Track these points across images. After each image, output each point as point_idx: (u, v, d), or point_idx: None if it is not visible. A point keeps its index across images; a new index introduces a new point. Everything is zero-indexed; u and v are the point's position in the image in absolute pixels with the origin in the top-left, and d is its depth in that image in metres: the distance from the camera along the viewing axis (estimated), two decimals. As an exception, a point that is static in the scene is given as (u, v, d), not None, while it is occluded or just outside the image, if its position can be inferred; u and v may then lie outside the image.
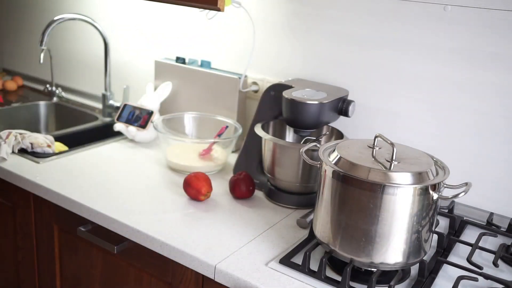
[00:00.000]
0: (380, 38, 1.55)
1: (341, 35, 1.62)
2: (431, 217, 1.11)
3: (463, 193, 1.06)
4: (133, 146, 1.85)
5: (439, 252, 1.28)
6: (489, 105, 1.43)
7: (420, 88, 1.52)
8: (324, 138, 1.59)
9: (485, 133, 1.45)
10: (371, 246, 1.09)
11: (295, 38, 1.72)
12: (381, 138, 1.13)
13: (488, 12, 1.38)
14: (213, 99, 1.87)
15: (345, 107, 1.50)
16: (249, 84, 1.85)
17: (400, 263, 1.11)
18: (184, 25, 1.99)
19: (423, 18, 1.47)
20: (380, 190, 1.05)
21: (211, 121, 1.82)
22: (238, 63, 1.86)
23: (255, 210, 1.44)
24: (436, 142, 1.52)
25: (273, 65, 1.79)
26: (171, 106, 1.97)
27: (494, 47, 1.39)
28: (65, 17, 1.94)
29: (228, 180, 1.54)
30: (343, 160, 1.12)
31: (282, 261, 1.19)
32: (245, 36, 1.82)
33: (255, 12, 1.76)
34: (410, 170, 1.08)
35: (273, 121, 1.61)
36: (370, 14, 1.56)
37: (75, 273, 1.31)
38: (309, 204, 1.47)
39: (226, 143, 1.69)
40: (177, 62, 1.96)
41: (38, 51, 2.43)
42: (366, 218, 1.08)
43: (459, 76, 1.46)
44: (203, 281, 1.25)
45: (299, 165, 1.44)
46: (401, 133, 1.56)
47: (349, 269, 1.10)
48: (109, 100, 2.15)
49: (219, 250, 1.23)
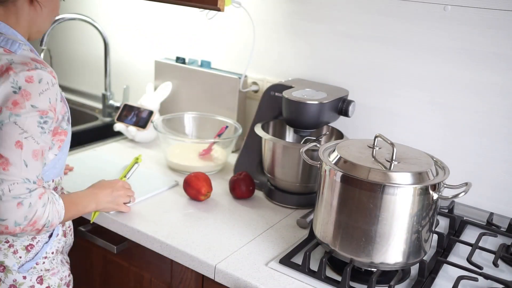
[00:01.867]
0: (380, 38, 1.55)
1: (341, 35, 1.62)
2: (431, 217, 1.11)
3: (463, 193, 1.06)
4: (133, 146, 1.85)
5: (439, 252, 1.28)
6: (489, 105, 1.43)
7: (420, 88, 1.52)
8: (324, 138, 1.59)
9: (485, 133, 1.45)
10: (371, 246, 1.09)
11: (295, 38, 1.72)
12: (381, 138, 1.13)
13: (488, 12, 1.38)
14: (213, 99, 1.87)
15: (345, 107, 1.50)
16: (249, 84, 1.85)
17: (400, 263, 1.11)
18: (184, 25, 1.99)
19: (423, 18, 1.47)
20: (380, 190, 1.05)
21: (211, 121, 1.82)
22: (238, 63, 1.86)
23: (255, 210, 1.44)
24: (436, 142, 1.52)
25: (273, 65, 1.79)
26: (171, 106, 1.97)
27: (494, 47, 1.39)
28: (65, 17, 1.94)
29: (228, 180, 1.54)
30: (343, 160, 1.12)
31: (282, 261, 1.19)
32: (245, 36, 1.82)
33: (255, 12, 1.76)
34: (410, 170, 1.08)
35: (273, 121, 1.61)
36: (370, 14, 1.56)
37: (75, 273, 1.32)
38: (309, 204, 1.47)
39: (226, 143, 1.69)
40: (177, 62, 1.96)
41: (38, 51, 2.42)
42: (366, 218, 1.08)
43: (459, 76, 1.46)
44: (203, 281, 1.25)
45: (299, 165, 1.44)
46: (401, 133, 1.56)
47: (349, 269, 1.10)
48: (109, 100, 2.15)
49: (219, 250, 1.23)
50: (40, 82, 1.03)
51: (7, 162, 1.00)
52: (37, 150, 1.04)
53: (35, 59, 1.06)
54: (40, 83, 1.03)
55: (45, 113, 1.04)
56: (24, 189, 1.00)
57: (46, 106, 1.04)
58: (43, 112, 1.04)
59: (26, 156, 1.02)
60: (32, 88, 1.02)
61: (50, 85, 1.05)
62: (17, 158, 1.01)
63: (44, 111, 1.04)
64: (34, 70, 1.03)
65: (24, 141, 1.01)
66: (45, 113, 1.04)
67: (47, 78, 1.05)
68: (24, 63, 1.04)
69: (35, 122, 1.03)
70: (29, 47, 1.12)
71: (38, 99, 1.03)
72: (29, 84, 1.02)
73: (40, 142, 1.04)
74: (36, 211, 1.02)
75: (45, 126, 1.05)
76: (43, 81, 1.04)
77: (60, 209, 1.08)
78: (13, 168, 1.00)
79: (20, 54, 1.06)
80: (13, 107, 1.01)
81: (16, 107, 1.01)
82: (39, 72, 1.04)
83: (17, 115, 1.01)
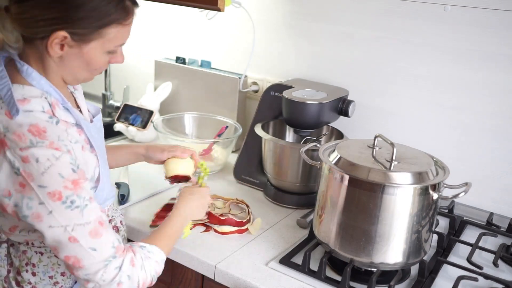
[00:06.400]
0: (380, 38, 1.55)
1: (341, 35, 1.62)
2: (431, 217, 1.11)
3: (463, 193, 1.06)
4: (133, 146, 1.85)
5: (439, 252, 1.28)
6: (489, 105, 1.43)
7: (420, 88, 1.52)
8: (324, 138, 1.59)
9: (485, 133, 1.45)
10: (371, 246, 1.09)
11: (295, 38, 1.72)
12: (381, 138, 1.13)
13: (488, 12, 1.38)
14: (213, 99, 1.87)
15: (345, 107, 1.50)
16: (249, 84, 1.85)
17: (400, 263, 1.11)
18: (184, 25, 1.99)
19: (423, 18, 1.47)
20: (380, 190, 1.05)
21: (211, 121, 1.82)
22: (238, 63, 1.86)
23: (255, 210, 1.44)
24: (436, 142, 1.52)
25: (273, 65, 1.79)
26: (171, 106, 1.97)
27: (494, 47, 1.39)
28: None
29: (228, 180, 1.53)
30: (343, 160, 1.12)
31: (282, 261, 1.19)
32: (245, 36, 1.82)
33: (255, 12, 1.76)
34: (410, 170, 1.08)
35: (273, 121, 1.61)
36: (370, 14, 1.56)
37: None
38: (309, 204, 1.46)
39: (226, 143, 1.69)
40: (177, 62, 1.96)
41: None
42: (366, 218, 1.08)
43: (459, 76, 1.46)
44: (203, 281, 1.25)
45: (299, 165, 1.44)
46: (401, 133, 1.56)
47: (349, 269, 1.10)
48: (109, 100, 2.15)
49: (219, 250, 1.23)
50: (37, 161, 0.89)
51: (76, 259, 0.92)
52: (92, 229, 0.93)
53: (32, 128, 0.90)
54: (38, 163, 0.89)
55: (66, 192, 0.91)
56: (112, 270, 0.93)
57: (60, 184, 0.90)
58: (60, 194, 0.90)
59: (87, 243, 0.92)
60: (31, 168, 0.89)
61: (53, 160, 0.90)
62: (82, 251, 0.92)
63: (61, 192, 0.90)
64: (27, 150, 0.89)
65: (73, 234, 0.91)
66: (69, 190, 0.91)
67: (46, 155, 0.89)
68: (18, 135, 0.90)
69: (63, 209, 0.90)
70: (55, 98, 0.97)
71: (42, 179, 0.89)
72: (27, 165, 0.89)
73: (87, 220, 0.93)
74: (138, 278, 0.96)
75: (78, 202, 0.92)
76: (40, 160, 0.89)
77: (158, 258, 1.02)
78: (87, 261, 0.92)
79: (17, 121, 0.90)
80: (21, 189, 0.90)
81: (25, 189, 0.90)
82: (32, 152, 0.89)
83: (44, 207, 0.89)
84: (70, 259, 0.92)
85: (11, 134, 0.90)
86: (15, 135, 0.90)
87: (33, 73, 0.96)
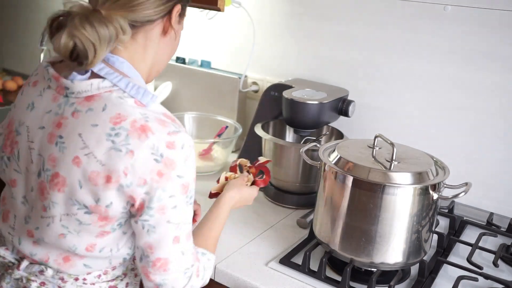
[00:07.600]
0: (380, 38, 1.55)
1: (341, 35, 1.62)
2: (431, 217, 1.11)
3: (463, 193, 1.06)
4: (133, 146, 1.85)
5: (439, 252, 1.28)
6: (489, 105, 1.43)
7: (420, 88, 1.52)
8: (324, 138, 1.59)
9: (485, 133, 1.45)
10: (371, 246, 1.09)
11: (295, 38, 1.72)
12: (381, 138, 1.13)
13: (488, 12, 1.37)
14: (213, 99, 1.87)
15: (345, 107, 1.50)
16: (249, 84, 1.85)
17: (400, 263, 1.11)
18: (184, 25, 1.98)
19: (423, 18, 1.47)
20: (380, 190, 1.05)
21: (211, 121, 1.82)
22: (238, 63, 1.86)
23: (255, 210, 1.44)
24: (436, 142, 1.51)
25: (273, 65, 1.79)
26: (171, 106, 1.97)
27: (494, 47, 1.39)
28: (65, 17, 1.94)
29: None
30: (343, 160, 1.12)
31: (282, 261, 1.19)
32: (245, 36, 1.82)
33: (255, 12, 1.76)
34: (410, 170, 1.08)
35: (273, 121, 1.61)
36: (370, 14, 1.56)
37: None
38: (309, 204, 1.46)
39: (226, 143, 1.69)
40: (177, 62, 1.96)
41: (38, 51, 2.42)
42: (366, 218, 1.08)
43: (459, 76, 1.45)
44: (203, 281, 1.25)
45: (299, 165, 1.44)
46: (401, 133, 1.56)
47: (349, 269, 1.10)
48: (109, 100, 2.15)
49: (219, 250, 1.23)
50: (182, 148, 0.84)
51: (166, 262, 0.86)
52: (189, 231, 0.89)
53: (167, 116, 0.86)
54: (183, 149, 0.84)
55: (192, 185, 0.87)
56: (185, 279, 0.89)
57: (191, 176, 0.86)
58: (188, 188, 0.85)
59: (182, 245, 0.87)
60: (175, 155, 0.83)
61: (192, 148, 0.86)
62: (175, 254, 0.86)
63: (189, 185, 0.86)
64: (175, 134, 0.83)
65: (180, 234, 0.86)
66: (193, 184, 0.87)
67: (189, 142, 0.85)
68: (160, 121, 0.84)
69: (184, 204, 0.85)
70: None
71: (182, 168, 0.84)
72: (171, 151, 0.82)
73: (189, 220, 0.88)
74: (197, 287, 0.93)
75: (192, 199, 0.88)
76: (185, 147, 0.84)
77: (212, 265, 0.98)
78: (173, 264, 0.87)
79: (153, 108, 0.85)
80: (158, 178, 0.82)
81: (162, 178, 0.82)
82: (181, 136, 0.84)
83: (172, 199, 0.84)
84: (161, 261, 0.86)
85: (153, 119, 0.83)
86: (158, 121, 0.83)
87: (132, 69, 0.90)
